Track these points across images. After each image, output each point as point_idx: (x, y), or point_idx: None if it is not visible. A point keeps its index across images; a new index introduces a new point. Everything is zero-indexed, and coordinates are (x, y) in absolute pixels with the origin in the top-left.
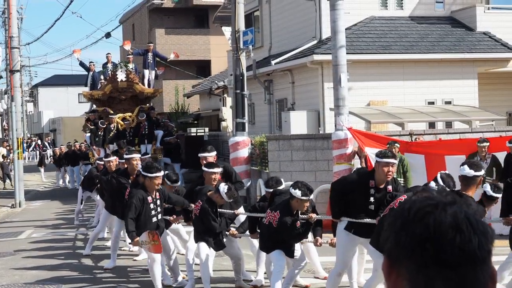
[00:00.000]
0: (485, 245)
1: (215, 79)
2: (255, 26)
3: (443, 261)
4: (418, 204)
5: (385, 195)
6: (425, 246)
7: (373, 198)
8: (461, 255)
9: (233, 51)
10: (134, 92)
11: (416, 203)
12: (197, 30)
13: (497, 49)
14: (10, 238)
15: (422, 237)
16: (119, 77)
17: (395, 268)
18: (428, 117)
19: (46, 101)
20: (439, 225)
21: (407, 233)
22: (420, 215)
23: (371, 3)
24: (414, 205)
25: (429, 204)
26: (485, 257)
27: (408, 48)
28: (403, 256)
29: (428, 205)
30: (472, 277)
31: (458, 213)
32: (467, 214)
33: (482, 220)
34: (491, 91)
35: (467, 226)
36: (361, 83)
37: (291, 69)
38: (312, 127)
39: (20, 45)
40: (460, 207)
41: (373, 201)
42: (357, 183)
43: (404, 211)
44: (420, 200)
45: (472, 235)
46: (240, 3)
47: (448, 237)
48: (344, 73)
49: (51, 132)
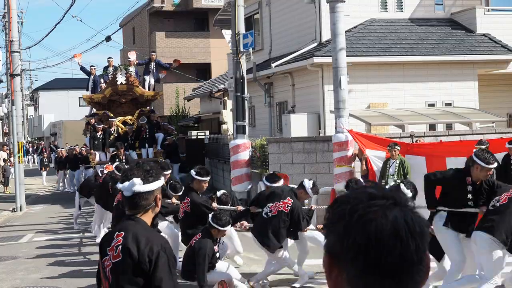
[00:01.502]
0: (421, 247)
1: (216, 82)
2: (255, 29)
3: (383, 269)
4: (361, 209)
5: (480, 188)
6: (366, 254)
7: (470, 194)
8: (400, 262)
9: (233, 54)
10: (134, 95)
11: (358, 206)
12: (197, 33)
13: (497, 50)
14: (11, 242)
15: (364, 245)
16: (119, 80)
17: (336, 267)
18: (429, 119)
19: (46, 105)
20: (380, 233)
21: (349, 239)
22: (362, 221)
23: (371, 5)
24: (356, 208)
25: (370, 210)
26: (421, 257)
27: (408, 50)
28: (344, 259)
29: (369, 211)
30: (409, 279)
31: (398, 218)
32: (406, 217)
33: (419, 219)
34: (491, 93)
35: (406, 232)
36: (361, 86)
37: (291, 72)
38: (312, 129)
39: (20, 49)
40: (400, 210)
41: (471, 198)
42: (454, 178)
43: (346, 214)
44: (362, 202)
45: (410, 240)
46: (240, 6)
47: (388, 246)
48: (344, 76)
49: (51, 136)
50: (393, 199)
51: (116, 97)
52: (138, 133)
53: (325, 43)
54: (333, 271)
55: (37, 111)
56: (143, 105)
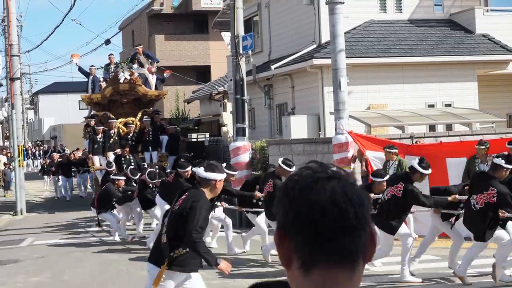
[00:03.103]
0: (361, 215)
1: (215, 85)
2: (255, 31)
3: (324, 235)
4: (302, 182)
5: None
6: (309, 223)
7: None
8: (340, 227)
9: (233, 56)
10: (136, 94)
11: (299, 181)
12: (196, 36)
13: (496, 51)
14: (12, 246)
15: (305, 215)
16: (121, 78)
17: (286, 239)
18: (428, 120)
19: (46, 108)
20: (319, 202)
21: (293, 211)
22: (304, 194)
23: (370, 6)
24: (298, 183)
25: (310, 181)
26: (363, 224)
27: (408, 51)
28: (291, 231)
29: (309, 182)
30: (352, 245)
31: (336, 188)
32: (344, 187)
33: (357, 190)
34: (491, 93)
35: (344, 200)
36: (361, 87)
37: (291, 74)
38: (312, 131)
39: (20, 53)
40: (339, 181)
41: None
42: None
43: (289, 189)
44: (303, 177)
45: (349, 208)
46: (239, 8)
47: (327, 213)
48: (344, 77)
49: (51, 139)
50: (333, 172)
51: (117, 97)
52: (140, 135)
53: (324, 44)
54: (284, 243)
55: (37, 114)
56: (146, 105)
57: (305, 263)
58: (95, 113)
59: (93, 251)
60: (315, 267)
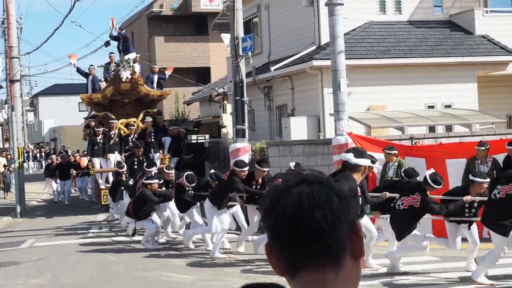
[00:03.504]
0: (330, 215)
1: (215, 86)
2: (254, 32)
3: (298, 242)
4: (272, 192)
5: None
6: (279, 230)
7: None
8: (311, 232)
9: (232, 57)
10: (138, 94)
11: (270, 191)
12: (196, 38)
13: (496, 52)
14: (12, 247)
15: (275, 222)
16: (122, 77)
17: (272, 249)
18: (428, 121)
19: (46, 110)
20: (285, 208)
21: (267, 221)
22: (273, 202)
23: (369, 8)
24: (269, 193)
25: (278, 190)
26: (334, 225)
27: (407, 53)
28: (271, 241)
29: (278, 191)
30: (326, 246)
31: (302, 192)
32: (311, 190)
33: (327, 191)
34: (490, 94)
35: (309, 203)
36: (360, 88)
37: (290, 75)
38: (312, 132)
39: (20, 55)
40: (307, 185)
41: None
42: None
43: (265, 201)
44: (274, 188)
45: (316, 211)
46: (239, 10)
47: (295, 219)
48: (344, 78)
49: (51, 141)
50: (302, 177)
51: (118, 97)
52: (141, 136)
53: (324, 46)
54: (271, 254)
55: (37, 116)
56: (148, 106)
57: (289, 270)
58: (95, 113)
59: (92, 252)
60: (297, 274)
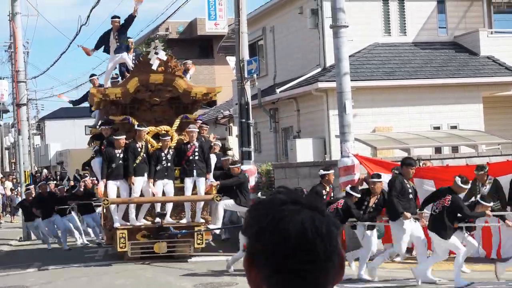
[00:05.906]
0: (329, 246)
1: (221, 109)
2: (260, 55)
3: (294, 269)
4: (271, 213)
5: None
6: (276, 255)
7: None
8: (307, 261)
9: (238, 80)
10: (175, 91)
11: (269, 211)
12: (201, 60)
13: (501, 73)
14: (19, 271)
15: (273, 247)
16: (153, 64)
17: (254, 268)
18: (434, 142)
19: (53, 133)
20: (287, 234)
21: (261, 242)
22: (272, 225)
23: (374, 29)
24: (268, 213)
25: (280, 214)
26: (330, 255)
27: (412, 74)
28: (259, 260)
29: (279, 215)
30: (320, 277)
31: (305, 220)
32: (314, 219)
33: (327, 220)
34: (496, 115)
35: (312, 233)
36: (366, 110)
37: (296, 97)
38: (318, 154)
39: (26, 79)
40: (308, 213)
41: None
42: None
43: (259, 218)
44: (273, 207)
45: (317, 241)
46: (244, 33)
47: (295, 246)
48: (349, 100)
49: (58, 165)
50: (302, 203)
51: (145, 94)
52: (180, 152)
53: (329, 68)
54: (252, 271)
55: (44, 140)
56: (188, 109)
57: None
58: (110, 118)
59: (99, 276)
60: None
